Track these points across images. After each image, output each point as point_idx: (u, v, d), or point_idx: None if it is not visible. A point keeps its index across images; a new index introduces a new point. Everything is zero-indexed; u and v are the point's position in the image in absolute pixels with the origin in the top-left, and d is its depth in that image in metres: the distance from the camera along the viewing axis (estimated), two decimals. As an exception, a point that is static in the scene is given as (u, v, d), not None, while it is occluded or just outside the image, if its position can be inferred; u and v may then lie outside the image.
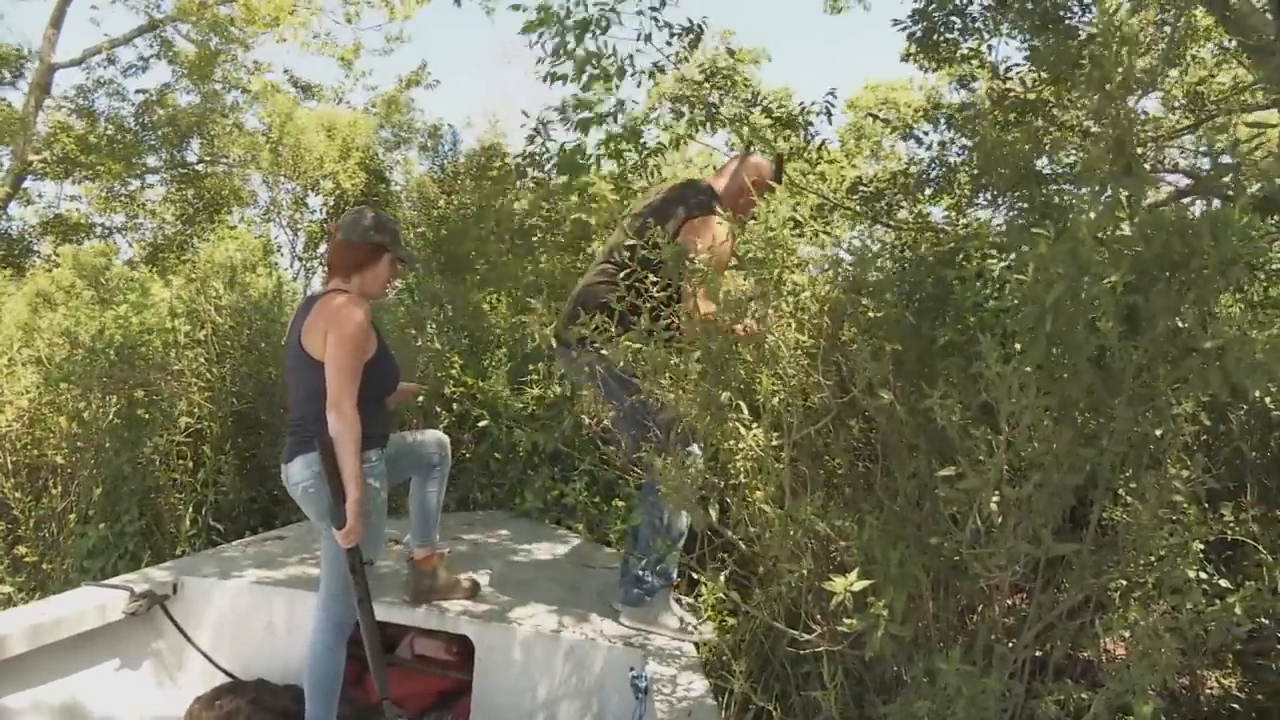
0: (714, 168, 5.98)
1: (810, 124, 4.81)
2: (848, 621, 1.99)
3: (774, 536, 2.42)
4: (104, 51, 11.86)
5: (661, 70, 4.56)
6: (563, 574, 3.66)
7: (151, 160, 12.55)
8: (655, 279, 2.69)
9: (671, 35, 4.53)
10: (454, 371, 5.34)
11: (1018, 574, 2.37)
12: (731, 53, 5.40)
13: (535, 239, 7.26)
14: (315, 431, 2.44)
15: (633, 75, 4.30)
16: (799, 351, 2.48)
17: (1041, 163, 3.60)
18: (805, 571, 2.33)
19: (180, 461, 4.51)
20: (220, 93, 11.33)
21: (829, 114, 4.80)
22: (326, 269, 2.78)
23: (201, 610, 3.16)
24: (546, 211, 7.74)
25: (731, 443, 2.51)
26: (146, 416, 4.35)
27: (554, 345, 3.05)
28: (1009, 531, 2.10)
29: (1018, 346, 2.05)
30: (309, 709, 2.53)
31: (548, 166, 4.79)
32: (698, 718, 2.34)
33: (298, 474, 2.51)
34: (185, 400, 4.63)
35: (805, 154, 4.89)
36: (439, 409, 5.39)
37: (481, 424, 5.26)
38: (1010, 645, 2.30)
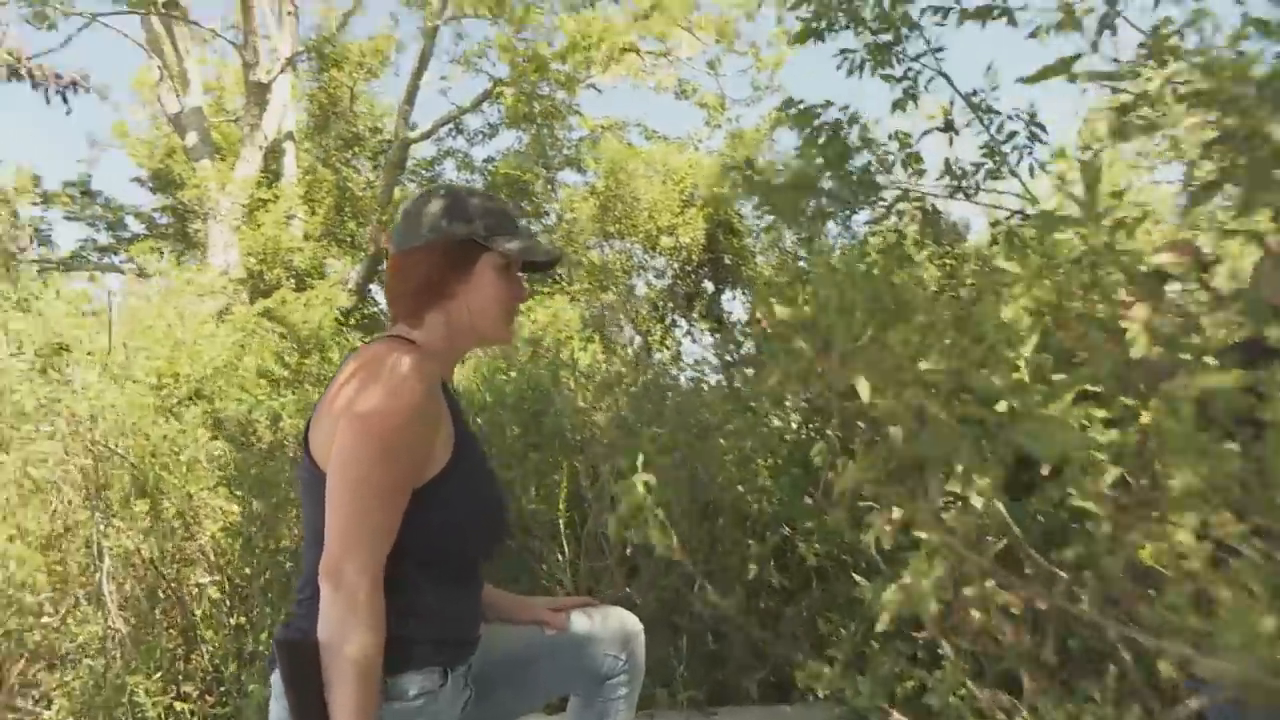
0: None
1: None
2: None
3: None
4: (451, 121, 11.38)
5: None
6: None
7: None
8: None
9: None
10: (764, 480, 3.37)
11: None
12: None
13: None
14: (303, 621, 1.14)
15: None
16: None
17: None
18: None
19: None
20: (548, 141, 10.20)
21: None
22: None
23: None
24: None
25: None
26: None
27: None
28: None
29: None
30: None
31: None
32: None
33: (275, 711, 1.18)
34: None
35: None
36: (748, 538, 3.40)
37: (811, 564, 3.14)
38: None
